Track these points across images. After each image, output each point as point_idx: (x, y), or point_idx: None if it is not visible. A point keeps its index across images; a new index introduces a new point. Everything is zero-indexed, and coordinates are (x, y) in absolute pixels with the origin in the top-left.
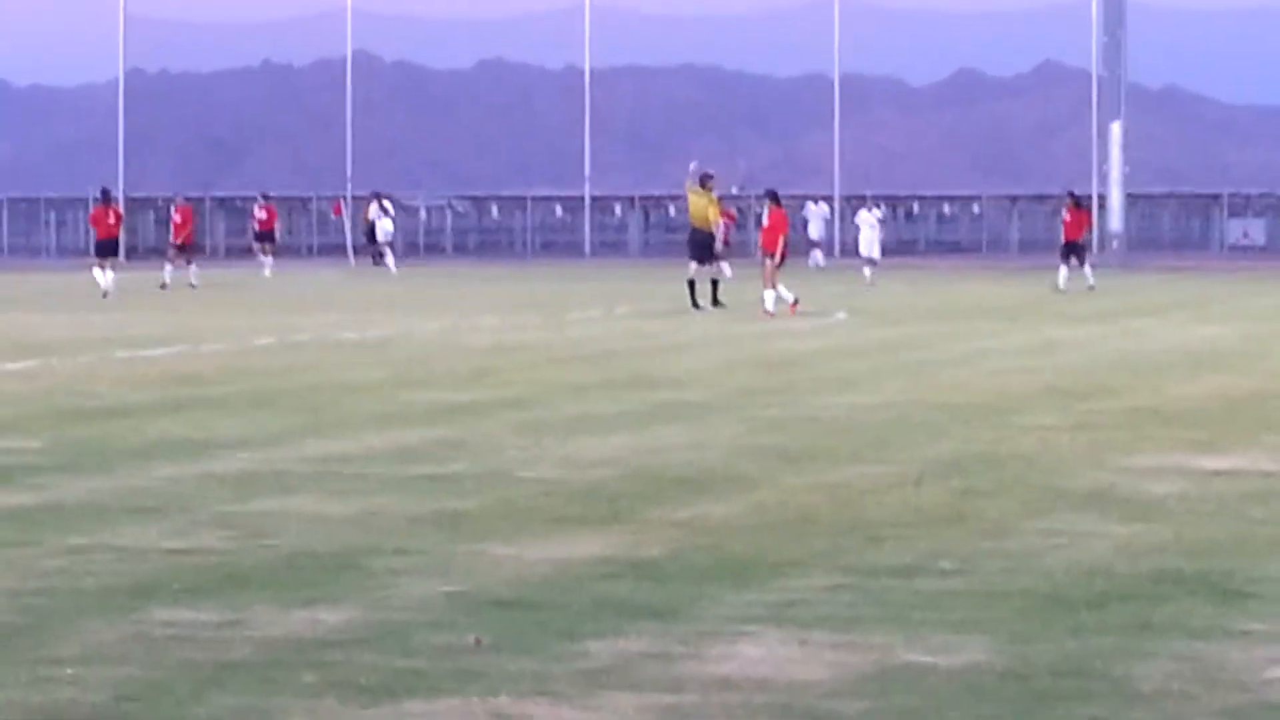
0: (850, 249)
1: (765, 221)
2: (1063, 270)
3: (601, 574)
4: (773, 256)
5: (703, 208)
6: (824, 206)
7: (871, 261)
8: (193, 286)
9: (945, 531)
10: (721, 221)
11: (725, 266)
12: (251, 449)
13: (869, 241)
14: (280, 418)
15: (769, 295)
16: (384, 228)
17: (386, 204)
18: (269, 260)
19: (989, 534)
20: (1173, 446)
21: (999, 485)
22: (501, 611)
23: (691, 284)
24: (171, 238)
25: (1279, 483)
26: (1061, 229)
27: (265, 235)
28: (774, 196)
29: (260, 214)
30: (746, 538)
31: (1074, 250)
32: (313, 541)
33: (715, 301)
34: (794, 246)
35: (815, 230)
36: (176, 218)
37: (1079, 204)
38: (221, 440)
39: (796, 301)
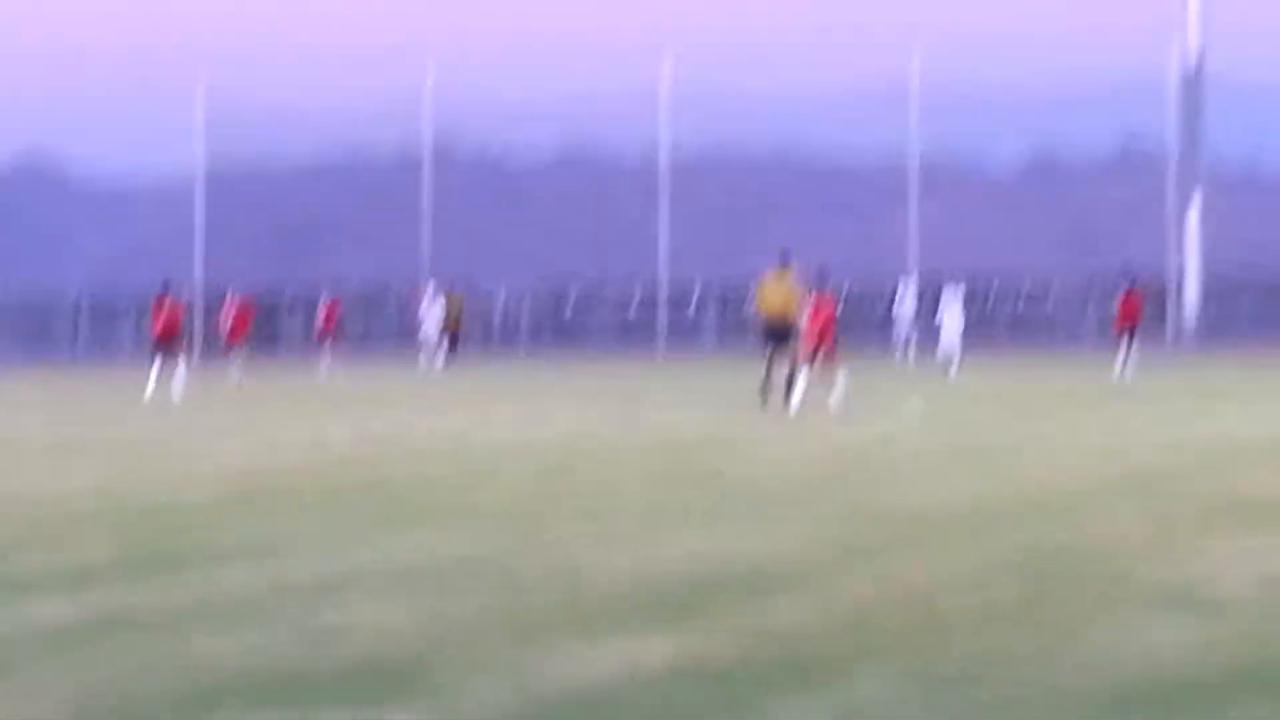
0: (930, 335)
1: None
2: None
3: (670, 675)
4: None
5: (783, 293)
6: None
7: (950, 356)
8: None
9: (1014, 630)
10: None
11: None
12: (324, 549)
13: (952, 331)
14: (350, 516)
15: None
16: (434, 318)
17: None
18: (326, 361)
19: (1059, 632)
20: (1252, 539)
21: (1070, 581)
22: (570, 713)
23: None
24: (229, 335)
25: None
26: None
27: (324, 334)
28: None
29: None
30: (814, 638)
31: (1130, 334)
32: (381, 645)
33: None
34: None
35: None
36: (232, 313)
37: (1135, 286)
38: (295, 539)
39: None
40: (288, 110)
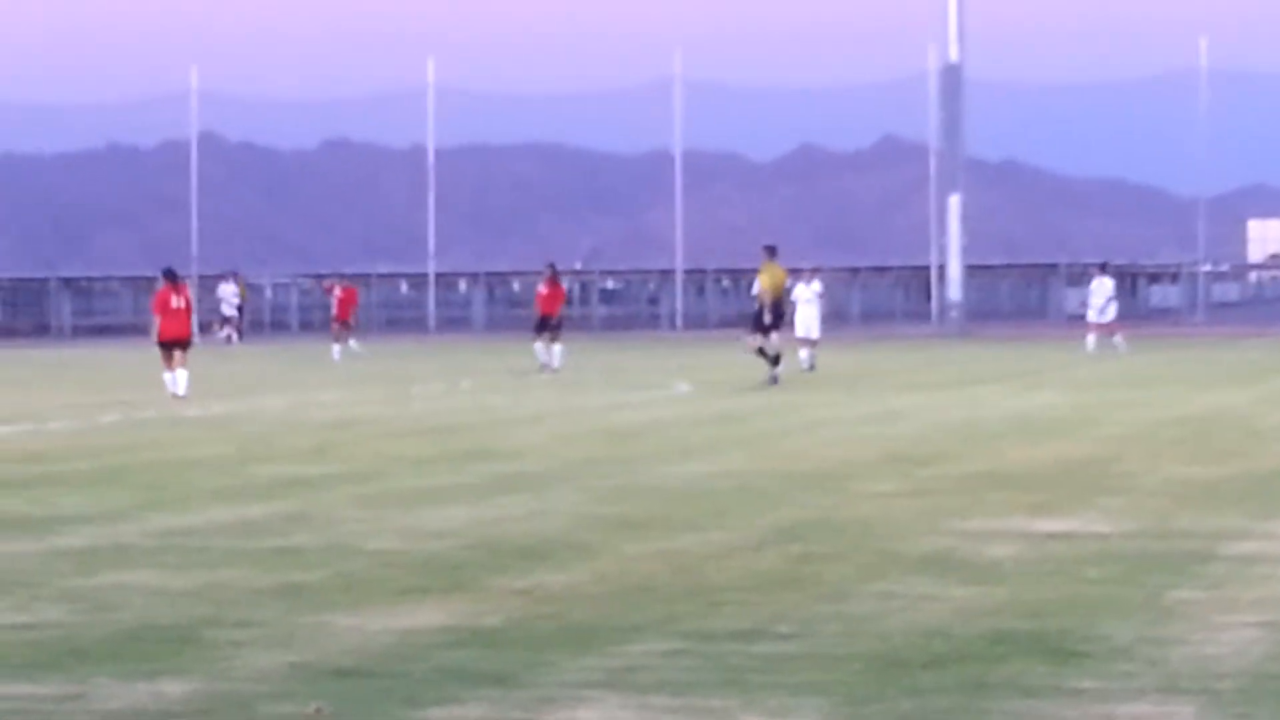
0: (694, 321)
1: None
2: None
3: (442, 643)
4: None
5: (783, 279)
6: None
7: (810, 341)
8: None
9: (784, 596)
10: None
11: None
12: (95, 524)
13: (808, 319)
14: (124, 493)
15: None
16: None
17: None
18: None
19: (827, 598)
20: (1009, 510)
21: (837, 550)
22: (343, 681)
23: (777, 358)
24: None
25: (1112, 544)
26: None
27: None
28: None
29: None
30: (586, 605)
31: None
32: (156, 614)
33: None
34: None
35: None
36: None
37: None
38: (64, 516)
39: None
40: (52, 99)
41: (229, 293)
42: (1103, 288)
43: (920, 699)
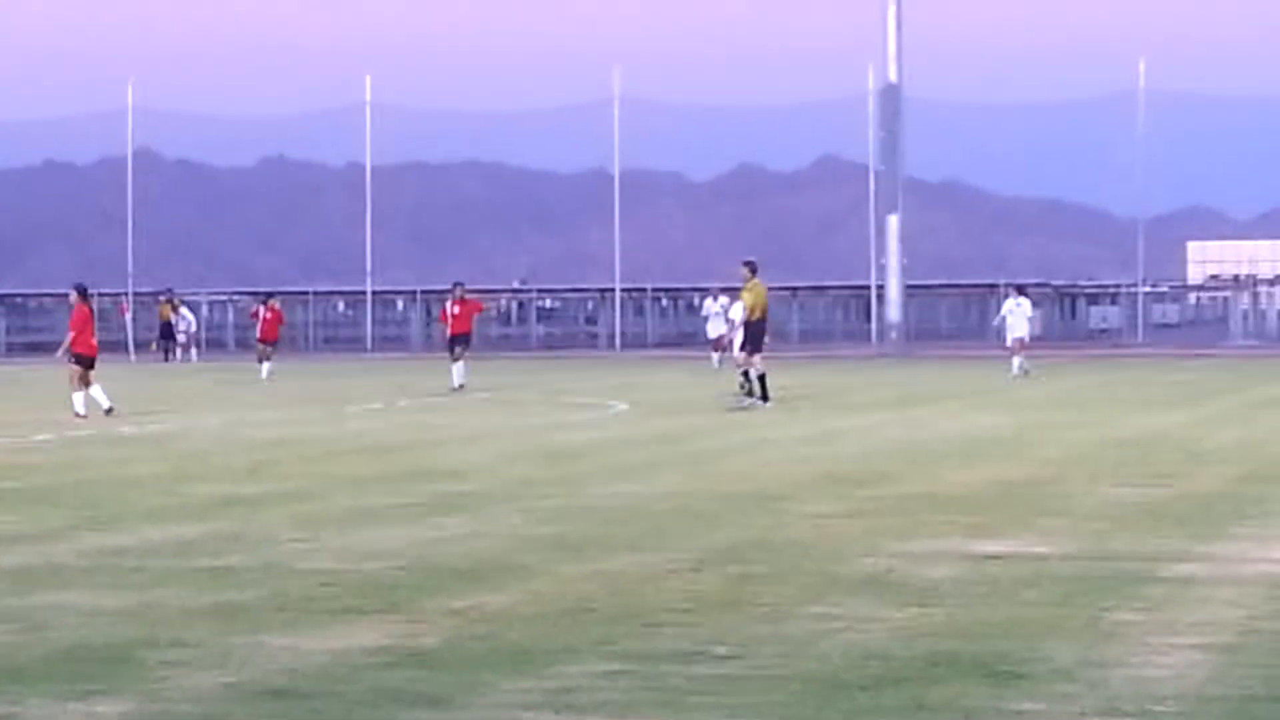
0: (633, 340)
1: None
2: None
3: (378, 663)
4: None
5: (765, 297)
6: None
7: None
8: None
9: (722, 617)
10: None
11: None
12: (28, 544)
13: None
14: (57, 512)
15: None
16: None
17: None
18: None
19: (766, 619)
20: (948, 531)
21: (776, 571)
22: (277, 701)
23: (763, 378)
24: None
25: (1051, 566)
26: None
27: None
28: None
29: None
30: (523, 626)
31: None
32: (89, 635)
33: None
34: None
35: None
36: None
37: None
38: None
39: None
40: None
41: (188, 316)
42: (1022, 309)
43: None
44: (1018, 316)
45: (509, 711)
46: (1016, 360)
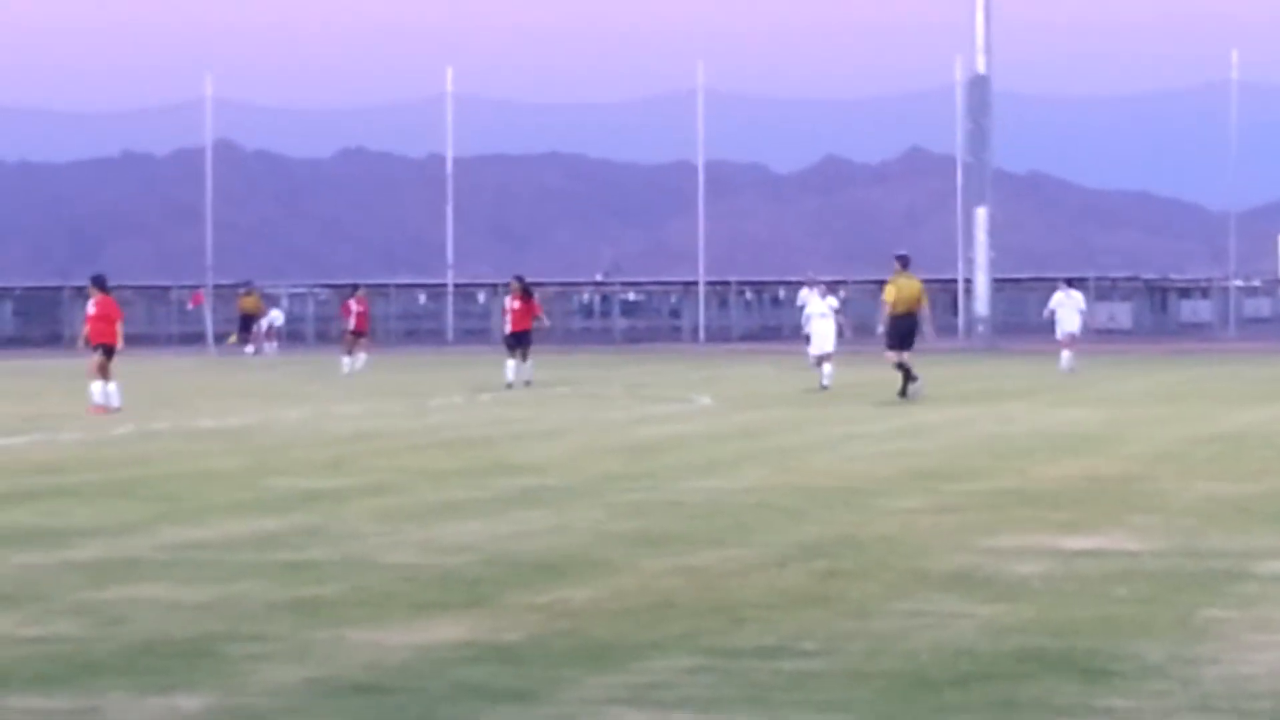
0: (716, 333)
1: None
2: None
3: (461, 658)
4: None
5: (917, 291)
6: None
7: (825, 356)
8: None
9: (808, 613)
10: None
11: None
12: (106, 537)
13: (823, 334)
14: (136, 506)
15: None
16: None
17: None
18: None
19: (852, 615)
20: (1037, 527)
21: (862, 567)
22: (359, 697)
23: (906, 369)
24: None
25: (1141, 562)
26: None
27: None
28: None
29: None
30: (606, 621)
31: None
32: (169, 628)
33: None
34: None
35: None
36: None
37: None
38: (76, 529)
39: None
40: (67, 107)
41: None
42: (1074, 301)
43: (947, 718)
44: (1069, 309)
45: (593, 707)
46: (1066, 354)
